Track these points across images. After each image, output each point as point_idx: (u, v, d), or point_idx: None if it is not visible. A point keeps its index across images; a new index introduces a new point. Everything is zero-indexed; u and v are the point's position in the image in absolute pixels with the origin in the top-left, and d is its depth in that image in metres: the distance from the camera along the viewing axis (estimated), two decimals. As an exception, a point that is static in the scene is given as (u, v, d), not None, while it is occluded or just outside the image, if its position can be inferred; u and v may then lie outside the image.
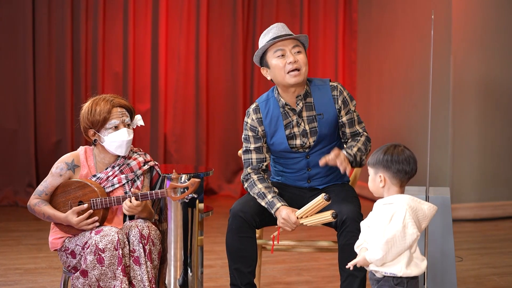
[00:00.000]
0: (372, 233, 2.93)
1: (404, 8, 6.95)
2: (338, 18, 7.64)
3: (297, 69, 3.59)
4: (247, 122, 3.72)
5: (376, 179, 2.99)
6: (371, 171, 3.01)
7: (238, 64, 7.43)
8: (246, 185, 3.70)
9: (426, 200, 3.74)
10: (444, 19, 6.34)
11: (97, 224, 3.47)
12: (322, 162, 3.53)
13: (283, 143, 3.67)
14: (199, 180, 3.49)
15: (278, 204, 3.55)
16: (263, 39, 3.65)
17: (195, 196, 3.52)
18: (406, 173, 2.97)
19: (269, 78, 3.69)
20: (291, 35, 3.63)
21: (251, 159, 3.71)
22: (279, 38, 3.60)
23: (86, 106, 3.56)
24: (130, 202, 3.42)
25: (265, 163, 3.71)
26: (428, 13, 6.49)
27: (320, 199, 3.40)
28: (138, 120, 3.66)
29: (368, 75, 7.49)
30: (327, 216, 3.40)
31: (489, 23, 6.43)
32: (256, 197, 3.63)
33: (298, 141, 3.68)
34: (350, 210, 3.50)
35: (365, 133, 3.75)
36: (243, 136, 3.74)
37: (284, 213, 3.51)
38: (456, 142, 6.37)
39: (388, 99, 7.19)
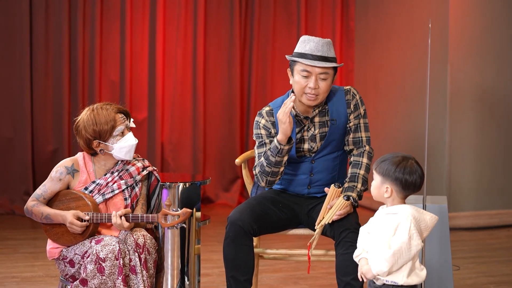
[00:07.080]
0: (374, 243, 2.93)
1: (400, 16, 6.97)
2: (335, 26, 7.65)
3: (315, 94, 3.59)
4: (259, 122, 3.71)
5: (382, 189, 2.97)
6: (377, 178, 2.99)
7: (235, 72, 7.43)
8: (258, 168, 3.66)
9: (423, 209, 3.74)
10: (441, 28, 6.35)
11: (82, 229, 3.45)
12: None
13: (292, 149, 3.66)
14: (191, 210, 3.51)
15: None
16: (301, 47, 3.59)
17: (185, 226, 3.54)
18: (414, 189, 2.97)
19: (290, 81, 3.68)
20: (327, 58, 3.57)
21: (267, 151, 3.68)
22: (311, 62, 3.54)
23: (85, 119, 3.51)
24: (121, 221, 3.41)
25: None
26: (424, 22, 6.51)
27: (332, 190, 3.48)
28: (131, 122, 3.66)
29: (365, 84, 7.49)
30: (340, 201, 3.46)
31: (485, 32, 6.44)
32: (271, 152, 3.60)
33: (306, 145, 3.70)
34: (348, 220, 3.51)
35: (367, 147, 3.72)
36: (254, 135, 3.73)
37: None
38: (453, 150, 6.38)
39: (385, 107, 7.20)
